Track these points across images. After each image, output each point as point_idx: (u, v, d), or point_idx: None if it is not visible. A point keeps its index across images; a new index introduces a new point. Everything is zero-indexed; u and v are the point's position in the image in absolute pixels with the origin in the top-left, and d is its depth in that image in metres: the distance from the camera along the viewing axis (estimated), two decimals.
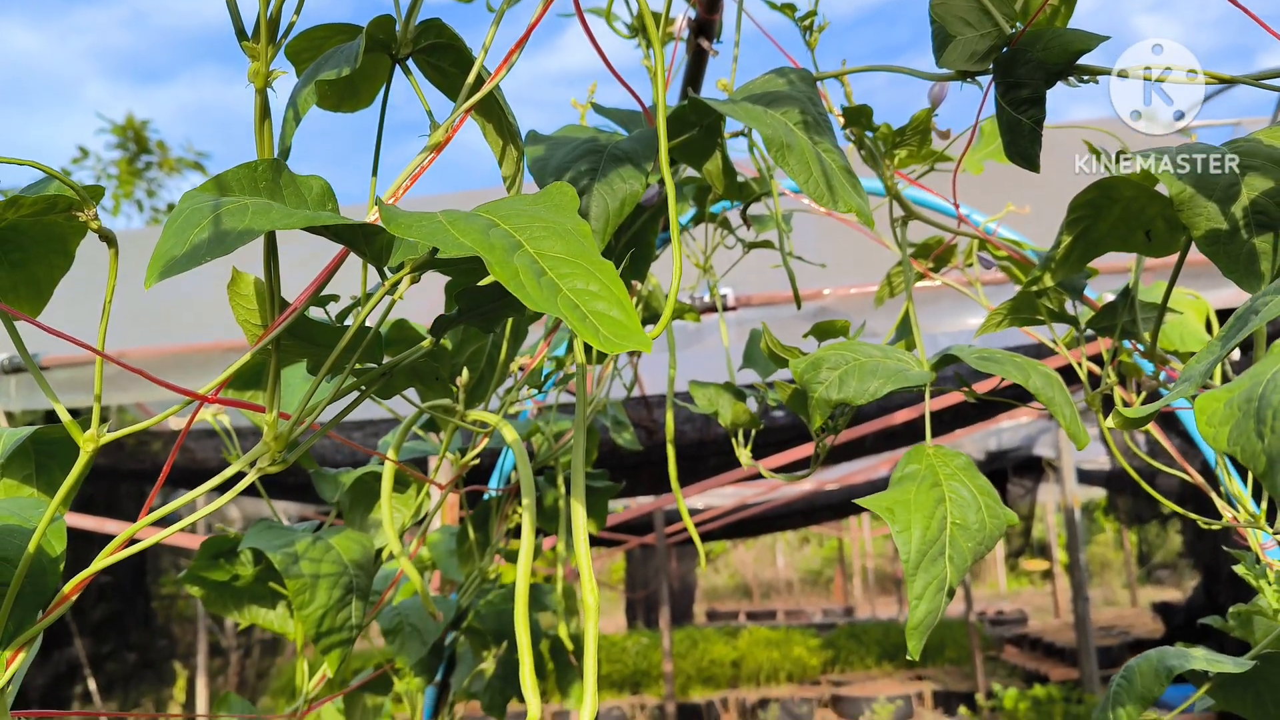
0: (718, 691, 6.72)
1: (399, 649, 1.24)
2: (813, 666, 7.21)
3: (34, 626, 0.59)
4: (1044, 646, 9.27)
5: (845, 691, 6.46)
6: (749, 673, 6.94)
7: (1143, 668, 0.95)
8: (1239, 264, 0.73)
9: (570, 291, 0.47)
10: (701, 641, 7.20)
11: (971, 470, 0.90)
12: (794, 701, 6.17)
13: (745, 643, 7.18)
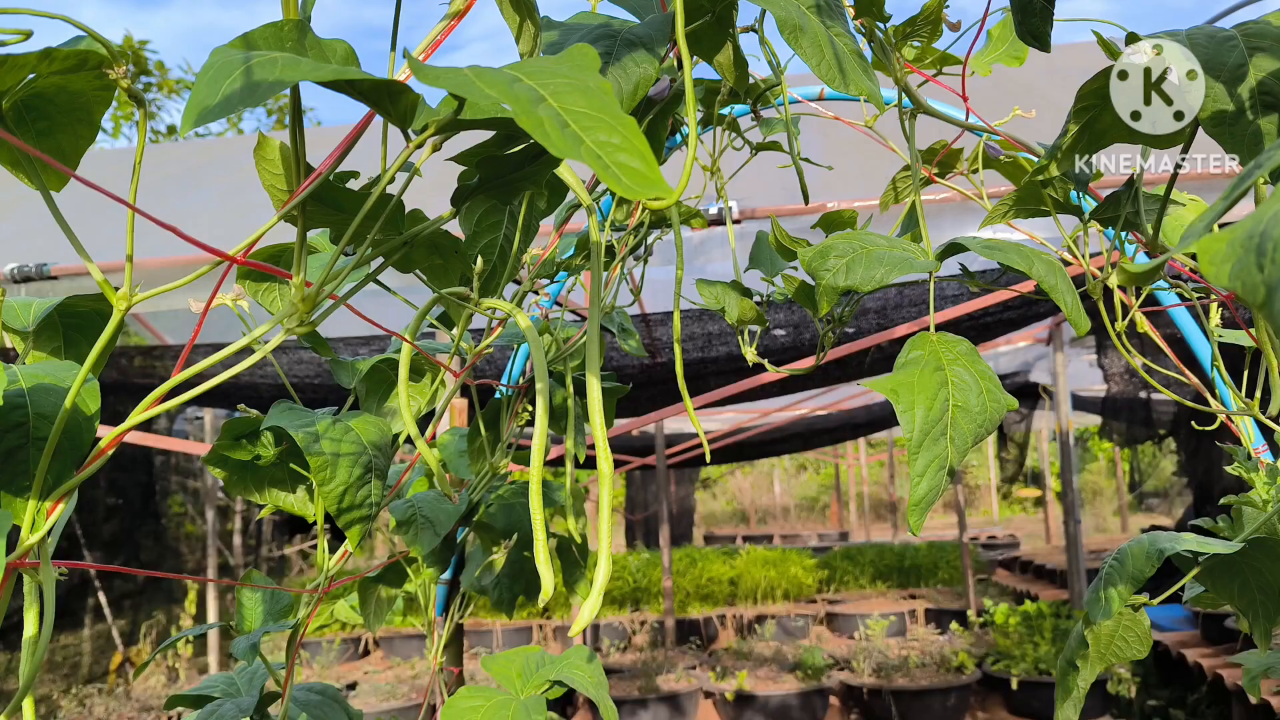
0: (716, 608, 6.86)
1: (412, 540, 1.27)
2: (808, 586, 7.34)
3: (71, 480, 0.62)
4: (1034, 569, 9.43)
5: (840, 609, 6.60)
6: (746, 591, 7.07)
7: (1134, 550, 0.98)
8: (1244, 144, 0.74)
9: (594, 143, 0.49)
10: (700, 560, 7.33)
11: (974, 356, 0.92)
12: (790, 618, 6.31)
13: (743, 562, 7.31)
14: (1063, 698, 1.09)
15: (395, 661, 5.69)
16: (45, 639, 0.64)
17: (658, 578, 6.84)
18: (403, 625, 6.65)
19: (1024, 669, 4.12)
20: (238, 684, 1.07)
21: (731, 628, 6.44)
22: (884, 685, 4.20)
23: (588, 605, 0.76)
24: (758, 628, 5.60)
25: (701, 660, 5.05)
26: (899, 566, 7.84)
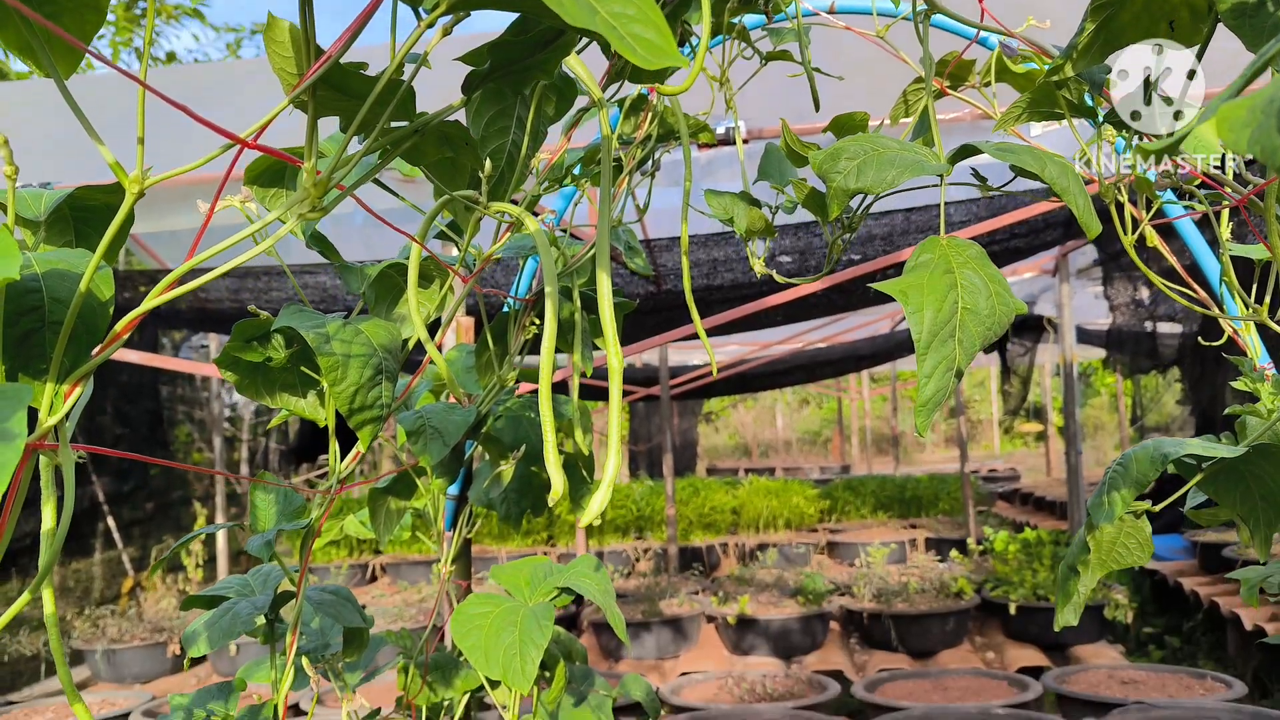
0: (718, 537, 6.94)
1: (421, 449, 1.28)
2: (810, 515, 7.42)
3: (88, 363, 0.62)
4: (1035, 500, 9.52)
5: (841, 538, 6.67)
6: (748, 520, 7.15)
7: (1138, 455, 0.99)
8: (1263, 36, 0.73)
9: (609, 14, 0.48)
10: (703, 490, 7.39)
11: (983, 260, 0.92)
12: (791, 547, 6.39)
13: (745, 492, 7.38)
14: (1063, 602, 1.11)
15: (402, 586, 5.78)
16: (65, 525, 0.65)
17: (661, 506, 6.91)
18: (410, 552, 6.74)
19: (1022, 594, 4.18)
20: (252, 585, 1.09)
21: (734, 555, 6.53)
22: (884, 610, 4.26)
23: (598, 495, 0.77)
24: (759, 555, 5.67)
25: (704, 586, 5.12)
26: (900, 497, 7.91)
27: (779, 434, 24.47)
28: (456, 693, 1.41)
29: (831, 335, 7.60)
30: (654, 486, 7.62)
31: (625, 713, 3.29)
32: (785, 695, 3.31)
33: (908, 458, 18.65)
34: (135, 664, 4.48)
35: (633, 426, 12.74)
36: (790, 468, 14.85)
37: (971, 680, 3.40)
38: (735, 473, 12.85)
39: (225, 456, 7.28)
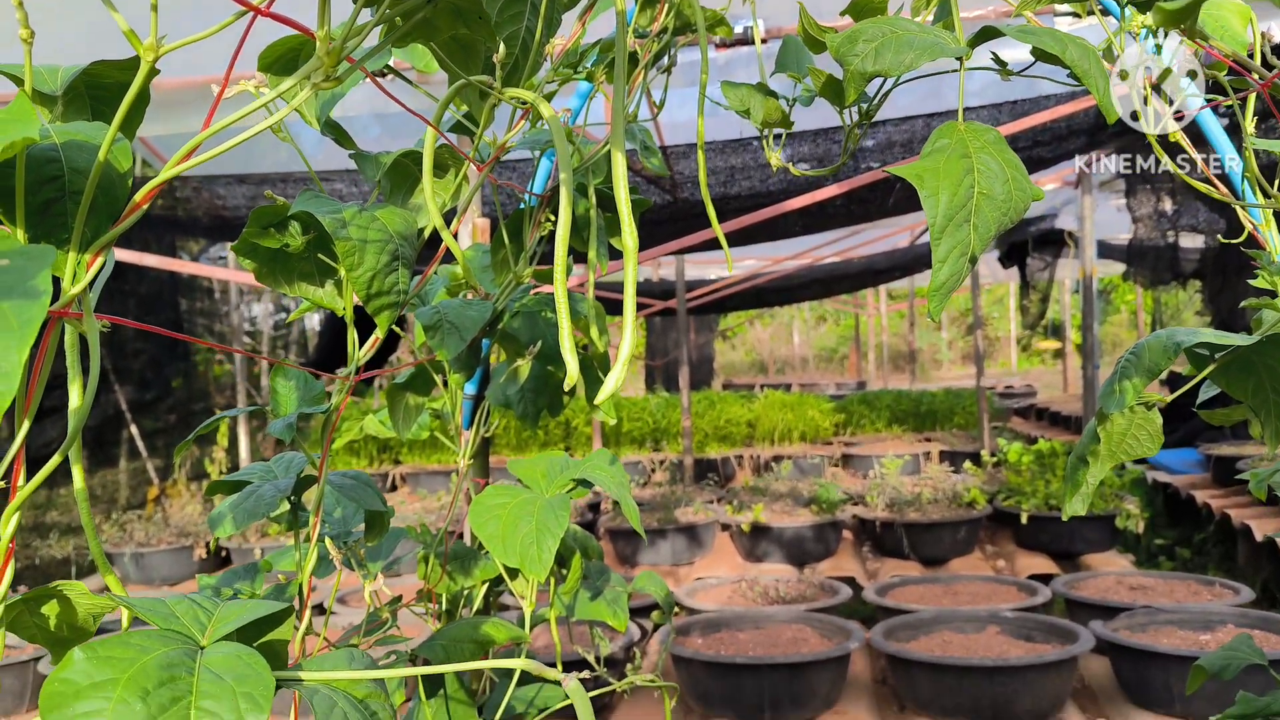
0: (733, 449, 7.01)
1: (439, 344, 1.30)
2: (825, 429, 7.47)
3: (109, 233, 0.63)
4: (1050, 415, 9.54)
5: (855, 451, 6.73)
6: (764, 433, 7.21)
7: (1151, 344, 0.99)
8: None
9: None
10: (719, 403, 7.44)
11: (1001, 145, 0.91)
12: (806, 459, 6.44)
13: (761, 405, 7.42)
14: (1071, 492, 1.12)
15: (422, 494, 5.88)
16: (90, 393, 0.66)
17: (677, 419, 6.96)
18: (428, 462, 6.84)
19: (1034, 504, 4.22)
20: (275, 471, 1.12)
21: (748, 467, 6.60)
22: (896, 519, 4.32)
23: (614, 373, 0.78)
24: (774, 467, 5.73)
25: (719, 496, 5.19)
26: (915, 411, 7.94)
27: (795, 351, 24.51)
28: (475, 581, 1.45)
29: (849, 248, 7.55)
30: (670, 399, 7.67)
31: (641, 614, 3.36)
32: (798, 599, 3.38)
33: (924, 374, 18.65)
34: (163, 566, 4.60)
35: (649, 341, 12.77)
36: (806, 384, 14.88)
37: (982, 586, 3.45)
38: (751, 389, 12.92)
39: (245, 369, 7.35)
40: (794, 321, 24.95)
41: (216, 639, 0.64)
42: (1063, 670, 2.56)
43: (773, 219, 3.94)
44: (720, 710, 2.70)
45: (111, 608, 0.68)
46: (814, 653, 2.68)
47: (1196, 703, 2.49)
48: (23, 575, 4.82)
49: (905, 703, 2.77)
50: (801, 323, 25.11)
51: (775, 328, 25.16)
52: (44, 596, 0.67)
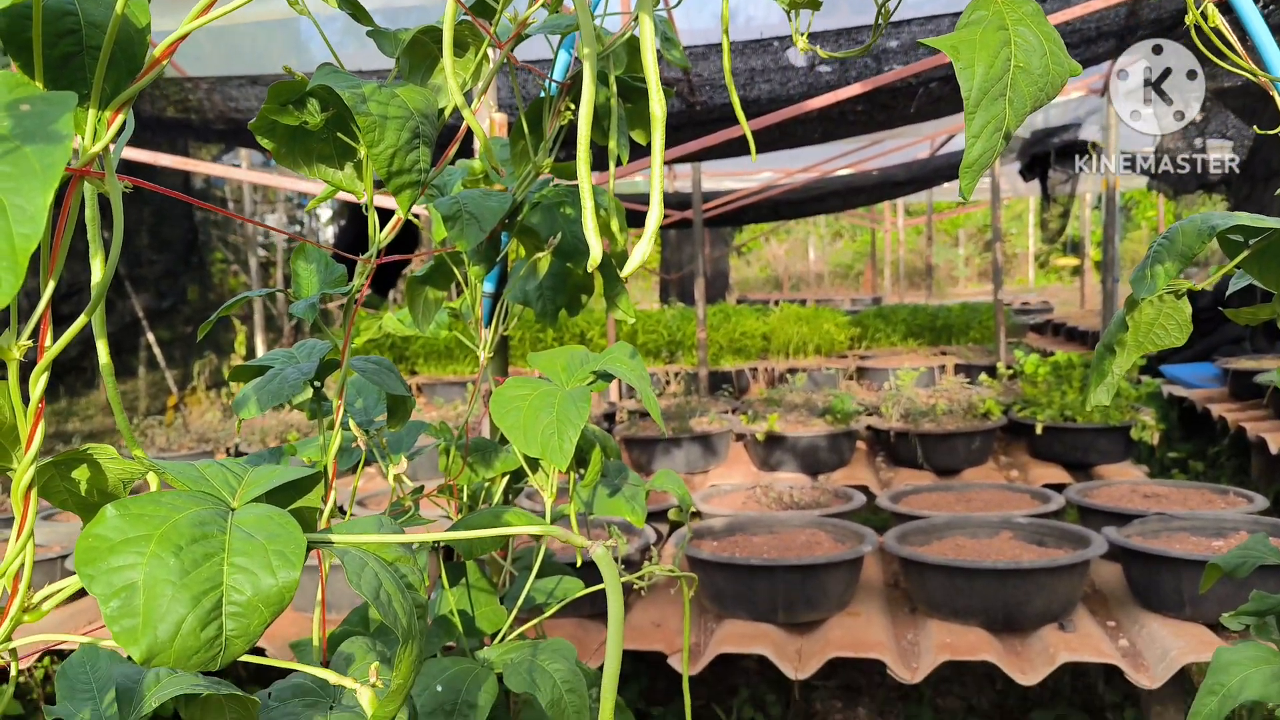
0: (748, 362, 7.01)
1: (458, 234, 1.29)
2: (840, 342, 7.46)
3: (129, 89, 0.62)
4: (1066, 331, 9.50)
5: (870, 364, 6.72)
6: (778, 346, 7.20)
7: (1185, 228, 0.97)
8: None
9: None
10: (734, 316, 7.43)
11: (1039, 18, 0.89)
12: (821, 372, 6.45)
13: (776, 319, 7.40)
14: (1096, 381, 1.12)
15: (439, 403, 5.92)
16: (114, 256, 0.65)
17: (692, 331, 6.96)
18: (444, 373, 6.87)
19: (1049, 415, 4.22)
20: (297, 356, 1.12)
21: (763, 380, 6.61)
22: (910, 429, 4.33)
23: (640, 246, 0.77)
24: (789, 379, 5.74)
25: (733, 407, 5.21)
26: (931, 326, 7.91)
27: (811, 267, 24.39)
28: (495, 474, 1.46)
29: (867, 159, 7.45)
30: (685, 312, 7.66)
31: (657, 519, 3.40)
32: (811, 505, 3.41)
33: (940, 291, 18.54)
34: None
35: (664, 256, 12.71)
36: (822, 300, 14.83)
37: (995, 494, 3.47)
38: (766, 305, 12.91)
39: (261, 279, 7.36)
40: (809, 238, 24.77)
41: (247, 501, 0.64)
42: (1074, 574, 2.59)
43: (792, 126, 3.87)
44: (734, 611, 2.74)
45: (141, 472, 0.69)
46: (827, 556, 2.71)
47: (1207, 606, 2.52)
48: None
49: (917, 605, 2.81)
50: (817, 239, 24.93)
51: (791, 244, 25.00)
52: (74, 461, 0.68)
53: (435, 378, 6.75)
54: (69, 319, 0.67)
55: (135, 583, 0.56)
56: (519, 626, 1.46)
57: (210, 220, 8.03)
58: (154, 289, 6.37)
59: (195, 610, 0.56)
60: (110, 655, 0.92)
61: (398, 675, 0.64)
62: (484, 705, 1.23)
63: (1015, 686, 3.32)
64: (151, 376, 7.39)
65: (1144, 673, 2.39)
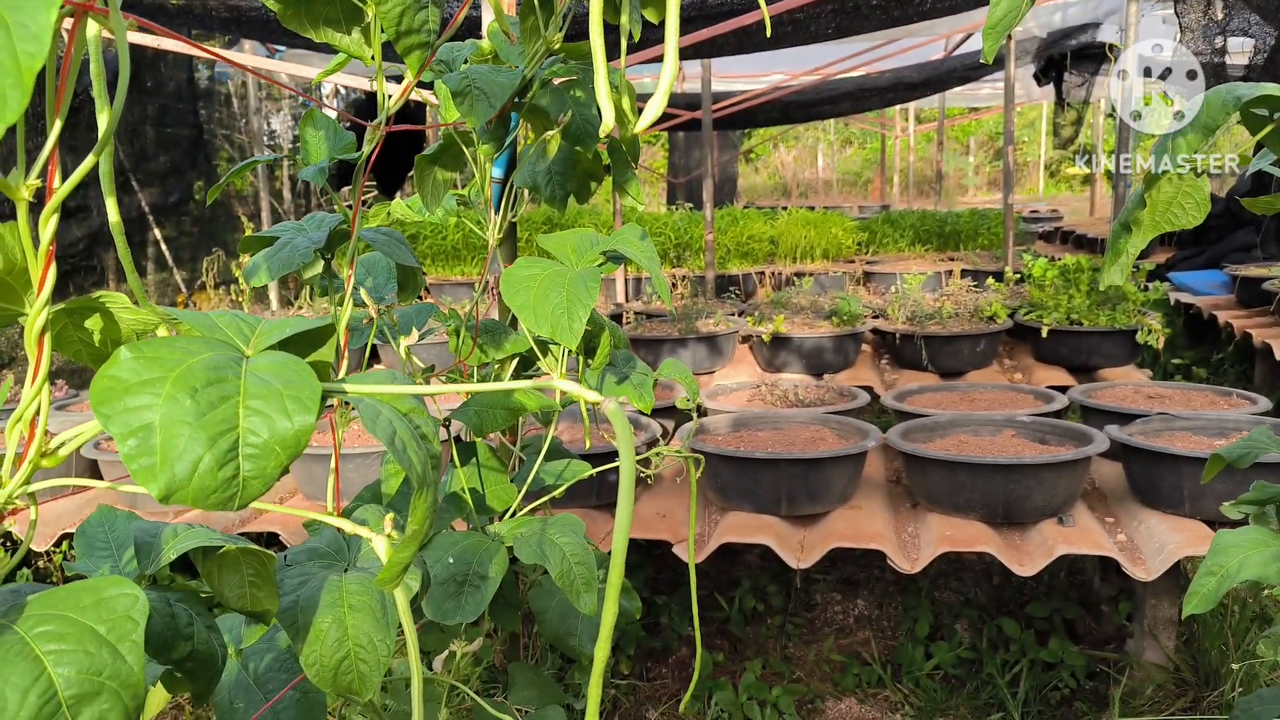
0: (755, 265, 6.98)
1: (467, 110, 1.27)
2: (848, 247, 7.41)
3: None
4: (1075, 238, 9.43)
5: (878, 269, 6.69)
6: (786, 250, 7.16)
7: (1210, 98, 0.95)
8: None
9: None
10: (741, 219, 7.37)
11: None
12: (828, 276, 6.42)
13: (783, 223, 7.35)
14: (1111, 261, 1.11)
15: (446, 301, 5.92)
16: (117, 110, 0.64)
17: (699, 234, 6.92)
18: (452, 274, 6.85)
19: (1055, 318, 4.21)
20: (306, 227, 1.11)
21: (770, 284, 6.59)
22: (915, 331, 4.33)
23: (653, 102, 0.76)
24: (796, 282, 5.72)
25: (740, 310, 5.21)
26: (939, 231, 7.85)
27: (819, 174, 24.14)
28: (505, 354, 1.47)
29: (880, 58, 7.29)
30: (692, 215, 7.60)
31: (662, 415, 3.43)
32: (816, 402, 3.42)
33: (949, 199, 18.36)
34: None
35: (671, 159, 12.56)
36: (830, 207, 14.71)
37: (998, 394, 3.49)
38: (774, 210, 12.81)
39: (268, 182, 7.29)
40: (819, 145, 24.45)
41: (261, 350, 0.64)
42: (1076, 470, 2.61)
43: (805, 20, 3.79)
44: (738, 504, 2.78)
45: (155, 322, 0.69)
46: (831, 450, 2.73)
47: (1205, 503, 2.55)
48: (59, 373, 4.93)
49: (918, 500, 2.84)
50: (826, 146, 24.61)
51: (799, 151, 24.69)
52: (87, 309, 0.68)
53: (443, 278, 6.74)
54: (76, 213, 0.66)
55: (151, 423, 0.57)
56: (528, 505, 1.48)
57: (216, 120, 7.93)
58: (160, 185, 6.32)
59: (212, 450, 0.57)
60: (127, 516, 0.94)
61: (413, 521, 0.65)
62: (495, 576, 1.25)
63: (1011, 581, 3.38)
64: (160, 276, 7.38)
65: (1140, 566, 2.43)
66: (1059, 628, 3.02)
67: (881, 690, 2.95)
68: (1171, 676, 2.70)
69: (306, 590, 0.91)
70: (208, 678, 0.74)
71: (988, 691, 2.87)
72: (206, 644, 0.74)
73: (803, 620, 3.32)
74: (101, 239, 5.11)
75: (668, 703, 2.89)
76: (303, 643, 0.88)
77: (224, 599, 0.83)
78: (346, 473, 2.74)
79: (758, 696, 2.85)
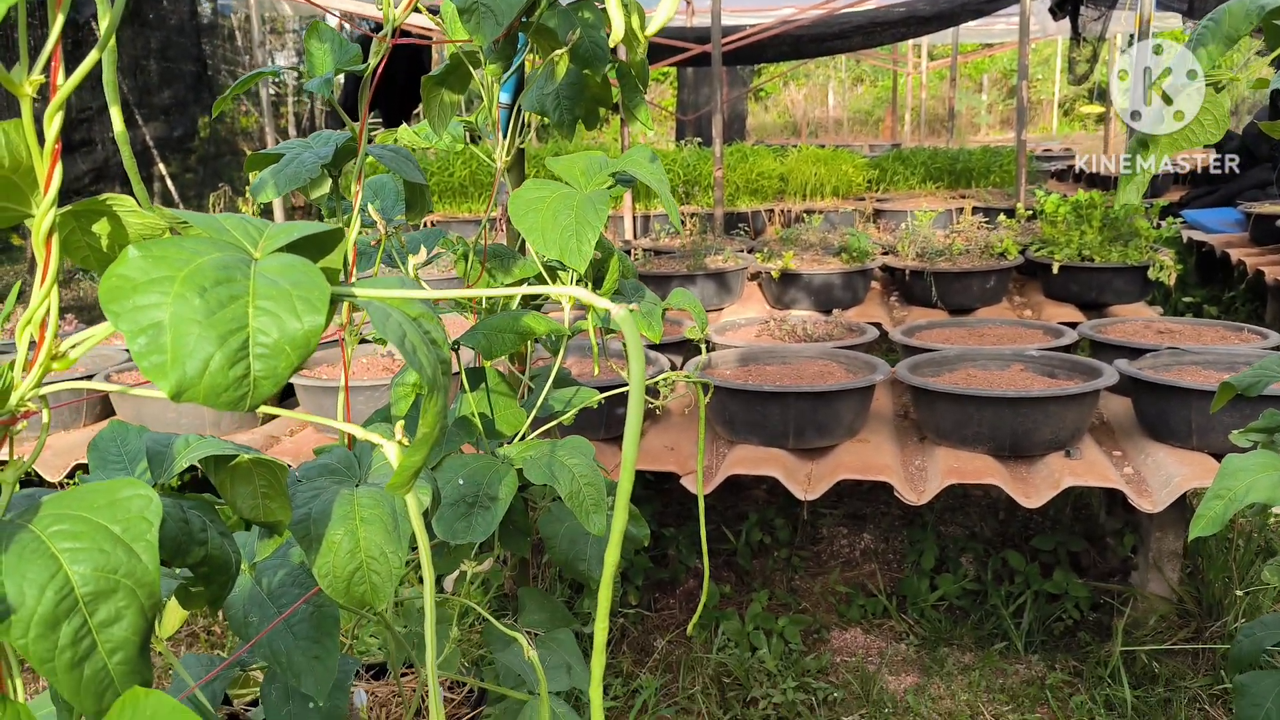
0: (764, 203, 6.93)
1: (474, 28, 1.25)
2: (858, 184, 7.35)
3: None
4: (1088, 177, 9.32)
5: (888, 207, 6.64)
6: (795, 187, 7.10)
7: (1233, 8, 0.93)
8: None
9: None
10: (751, 156, 7.30)
11: None
12: (837, 213, 6.38)
13: (793, 160, 7.28)
14: (1126, 181, 1.10)
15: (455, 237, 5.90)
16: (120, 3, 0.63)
17: (708, 171, 6.86)
18: (459, 211, 6.82)
19: (1067, 255, 4.18)
20: (312, 144, 1.10)
21: (779, 221, 6.54)
22: (925, 268, 4.30)
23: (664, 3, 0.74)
24: (805, 219, 5.68)
25: (749, 246, 5.18)
26: (951, 169, 7.78)
27: (830, 113, 23.84)
28: (513, 279, 1.46)
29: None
30: (701, 152, 7.53)
31: (670, 350, 3.43)
32: (824, 338, 3.42)
33: (961, 137, 18.14)
34: None
35: (680, 97, 12.41)
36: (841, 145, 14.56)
37: (1008, 329, 3.48)
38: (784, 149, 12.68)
39: (274, 120, 7.23)
40: (829, 83, 24.11)
41: (269, 252, 0.64)
42: (1084, 403, 2.61)
43: None
44: (746, 437, 2.79)
45: (162, 226, 0.68)
46: (839, 383, 2.73)
47: (1214, 436, 2.55)
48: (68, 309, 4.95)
49: (926, 433, 2.85)
50: (837, 84, 24.27)
51: (810, 89, 24.35)
52: (94, 212, 0.67)
53: (450, 215, 6.71)
54: (80, 147, 0.66)
55: (161, 321, 0.57)
56: (536, 431, 1.49)
57: (220, 55, 7.84)
58: (164, 120, 6.27)
59: (222, 349, 0.57)
60: (139, 430, 0.94)
61: (424, 425, 0.65)
62: (504, 497, 1.26)
63: (1017, 515, 3.40)
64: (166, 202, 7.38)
65: (1147, 498, 2.44)
66: (1064, 561, 3.05)
67: (886, 621, 2.99)
68: (1175, 608, 2.72)
69: (319, 503, 0.91)
70: (222, 582, 0.75)
71: (992, 622, 2.90)
72: (220, 549, 0.75)
73: (809, 553, 3.35)
74: (107, 173, 5.08)
75: (675, 631, 2.93)
76: (316, 554, 0.88)
77: (237, 510, 0.83)
78: (356, 405, 2.75)
79: (764, 626, 2.89)
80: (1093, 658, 2.68)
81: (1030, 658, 2.75)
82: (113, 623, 0.60)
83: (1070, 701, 2.55)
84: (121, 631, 0.60)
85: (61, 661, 0.58)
